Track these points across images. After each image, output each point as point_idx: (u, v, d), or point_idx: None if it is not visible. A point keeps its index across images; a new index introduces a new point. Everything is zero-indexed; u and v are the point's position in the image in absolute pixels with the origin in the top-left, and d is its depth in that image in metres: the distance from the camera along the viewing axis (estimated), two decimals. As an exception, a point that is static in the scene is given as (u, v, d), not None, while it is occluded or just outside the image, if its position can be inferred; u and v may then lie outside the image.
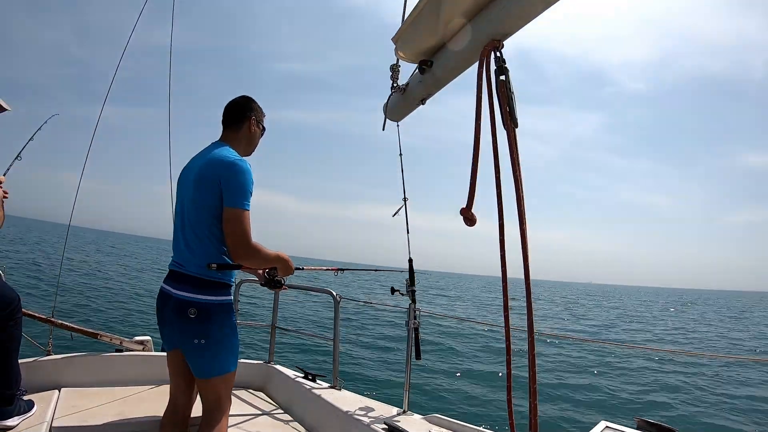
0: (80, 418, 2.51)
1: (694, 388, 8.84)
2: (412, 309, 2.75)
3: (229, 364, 2.07)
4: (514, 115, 1.10)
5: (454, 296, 35.54)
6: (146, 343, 3.39)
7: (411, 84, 1.84)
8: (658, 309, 37.84)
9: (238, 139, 2.19)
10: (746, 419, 7.25)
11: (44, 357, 3.06)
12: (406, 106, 1.94)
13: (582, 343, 11.75)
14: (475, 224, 1.22)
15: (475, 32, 1.27)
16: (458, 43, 1.39)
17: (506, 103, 1.10)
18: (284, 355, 8.16)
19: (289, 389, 3.14)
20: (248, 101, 2.23)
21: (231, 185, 1.94)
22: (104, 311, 11.44)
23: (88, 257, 30.17)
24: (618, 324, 22.31)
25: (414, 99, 1.84)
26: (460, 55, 1.38)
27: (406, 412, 2.68)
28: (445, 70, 1.52)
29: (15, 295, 2.43)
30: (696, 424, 6.94)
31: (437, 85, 1.65)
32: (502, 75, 1.13)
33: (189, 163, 2.17)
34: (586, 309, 33.56)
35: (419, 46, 1.62)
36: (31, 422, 2.37)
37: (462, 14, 1.34)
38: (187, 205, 2.06)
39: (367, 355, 9.25)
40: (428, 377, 7.87)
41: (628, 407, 7.38)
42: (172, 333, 2.08)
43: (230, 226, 1.94)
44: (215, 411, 2.07)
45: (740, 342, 17.74)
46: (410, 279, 2.84)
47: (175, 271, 2.07)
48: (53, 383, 2.93)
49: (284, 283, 2.24)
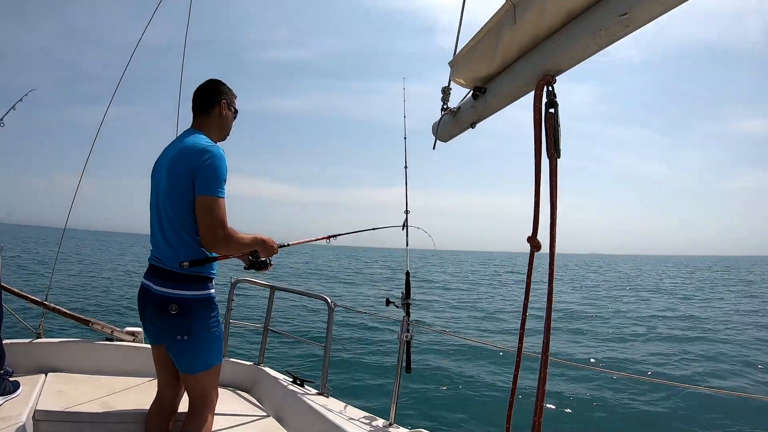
0: (65, 403, 2.49)
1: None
2: (405, 322, 2.72)
3: (212, 358, 2.04)
4: (558, 146, 1.18)
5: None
6: (137, 335, 3.39)
7: (463, 108, 1.94)
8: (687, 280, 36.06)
9: (209, 125, 2.13)
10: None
11: (35, 339, 3.08)
12: (456, 128, 2.03)
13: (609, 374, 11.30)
14: (540, 250, 1.28)
15: (531, 66, 1.36)
16: (513, 75, 1.48)
17: (552, 134, 1.19)
18: (275, 357, 8.18)
19: (277, 393, 3.11)
20: (217, 84, 2.18)
21: (204, 173, 1.89)
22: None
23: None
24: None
25: (464, 122, 1.93)
26: (515, 85, 1.47)
27: (392, 425, 2.64)
28: (497, 98, 1.61)
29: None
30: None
31: (488, 111, 1.73)
32: (552, 108, 1.22)
33: (161, 154, 2.12)
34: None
35: (475, 73, 1.71)
36: (14, 403, 2.37)
37: (519, 48, 1.44)
38: (162, 198, 2.00)
39: (358, 364, 9.18)
40: (418, 389, 7.74)
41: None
42: (155, 329, 2.06)
43: (204, 215, 1.88)
44: (201, 405, 2.06)
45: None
46: (406, 292, 2.80)
47: (155, 266, 2.03)
48: (41, 367, 2.94)
49: (270, 263, 2.16)
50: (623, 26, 1.08)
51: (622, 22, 1.07)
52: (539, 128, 1.22)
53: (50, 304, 3.29)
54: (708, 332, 13.99)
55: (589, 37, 1.15)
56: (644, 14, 1.05)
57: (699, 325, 15.47)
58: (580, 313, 16.98)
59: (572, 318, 15.88)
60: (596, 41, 1.14)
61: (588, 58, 1.19)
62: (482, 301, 21.00)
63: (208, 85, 2.18)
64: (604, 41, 1.12)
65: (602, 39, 1.13)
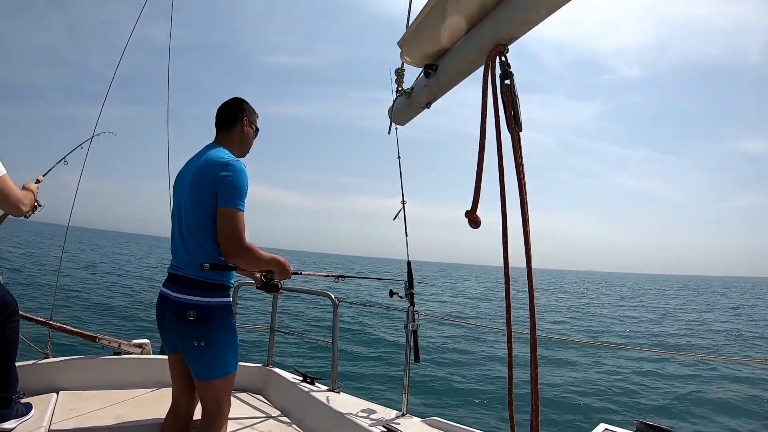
0: (78, 422, 2.50)
1: (693, 387, 8.84)
2: (410, 312, 2.76)
3: (229, 366, 2.07)
4: (518, 119, 1.12)
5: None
6: (145, 346, 3.38)
7: (416, 88, 1.87)
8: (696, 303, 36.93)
9: (231, 140, 2.20)
10: (748, 419, 7.24)
11: (42, 360, 3.05)
12: (412, 110, 1.96)
13: (583, 345, 11.73)
14: (479, 226, 1.23)
15: (480, 37, 1.30)
16: (463, 48, 1.41)
17: (511, 106, 1.12)
18: (283, 357, 8.17)
19: (288, 392, 3.14)
20: (240, 103, 2.25)
21: (225, 185, 1.94)
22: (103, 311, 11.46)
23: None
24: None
25: (419, 103, 1.86)
26: (465, 59, 1.41)
27: (405, 415, 2.68)
28: (450, 74, 1.54)
29: (12, 299, 2.44)
30: (696, 425, 6.93)
31: (442, 90, 1.67)
32: (507, 79, 1.15)
33: (184, 166, 2.19)
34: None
35: (424, 50, 1.64)
36: (29, 425, 2.36)
37: (467, 20, 1.37)
38: (184, 208, 2.06)
39: (366, 358, 9.25)
40: (428, 380, 7.86)
41: (628, 410, 7.37)
42: (172, 336, 2.08)
43: (224, 226, 1.94)
44: (215, 413, 2.08)
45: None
46: (409, 282, 2.85)
47: (174, 274, 2.07)
48: (51, 386, 2.92)
49: (281, 287, 2.23)
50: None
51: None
52: (494, 101, 1.15)
53: (55, 323, 3.26)
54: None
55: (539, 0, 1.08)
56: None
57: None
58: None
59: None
60: (546, 3, 1.08)
61: (540, 22, 1.12)
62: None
63: (231, 103, 2.25)
64: (555, 2, 1.06)
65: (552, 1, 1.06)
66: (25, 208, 2.32)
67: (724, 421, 7.15)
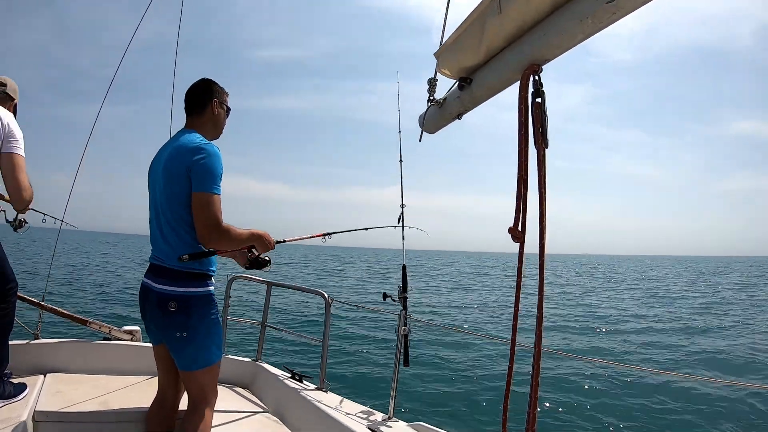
0: (64, 404, 2.50)
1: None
2: (402, 316, 2.75)
3: (212, 356, 2.05)
4: (546, 136, 1.17)
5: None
6: (135, 333, 3.39)
7: (449, 99, 1.92)
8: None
9: (203, 123, 2.16)
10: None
11: (32, 340, 3.07)
12: (443, 120, 2.01)
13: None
14: (521, 241, 1.23)
15: (517, 56, 1.34)
16: (499, 65, 1.46)
17: (540, 124, 1.17)
18: (273, 353, 8.16)
19: (275, 389, 3.12)
20: (209, 84, 2.21)
21: (199, 170, 1.91)
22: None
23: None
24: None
25: (451, 114, 1.91)
26: (501, 76, 1.46)
27: (391, 418, 2.67)
28: (484, 88, 1.59)
29: (14, 277, 2.48)
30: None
31: (475, 102, 1.72)
32: (538, 97, 1.21)
33: (156, 154, 2.15)
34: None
35: (460, 64, 1.69)
36: (14, 405, 2.36)
37: (505, 38, 1.41)
38: (159, 197, 2.03)
39: (356, 358, 9.20)
40: (416, 383, 7.78)
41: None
42: (155, 327, 2.07)
43: (199, 211, 1.91)
44: (200, 403, 2.07)
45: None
46: (403, 285, 2.84)
47: (155, 264, 2.05)
48: (40, 368, 2.93)
49: (269, 260, 2.20)
50: (610, 13, 1.06)
51: (609, 9, 1.05)
52: (525, 118, 1.20)
53: (47, 305, 3.27)
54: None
55: (576, 25, 1.13)
56: (631, 1, 1.03)
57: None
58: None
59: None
60: (582, 29, 1.12)
61: (574, 46, 1.17)
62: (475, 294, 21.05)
63: (199, 85, 2.20)
64: (590, 29, 1.11)
65: (589, 27, 1.11)
66: (26, 196, 2.35)
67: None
